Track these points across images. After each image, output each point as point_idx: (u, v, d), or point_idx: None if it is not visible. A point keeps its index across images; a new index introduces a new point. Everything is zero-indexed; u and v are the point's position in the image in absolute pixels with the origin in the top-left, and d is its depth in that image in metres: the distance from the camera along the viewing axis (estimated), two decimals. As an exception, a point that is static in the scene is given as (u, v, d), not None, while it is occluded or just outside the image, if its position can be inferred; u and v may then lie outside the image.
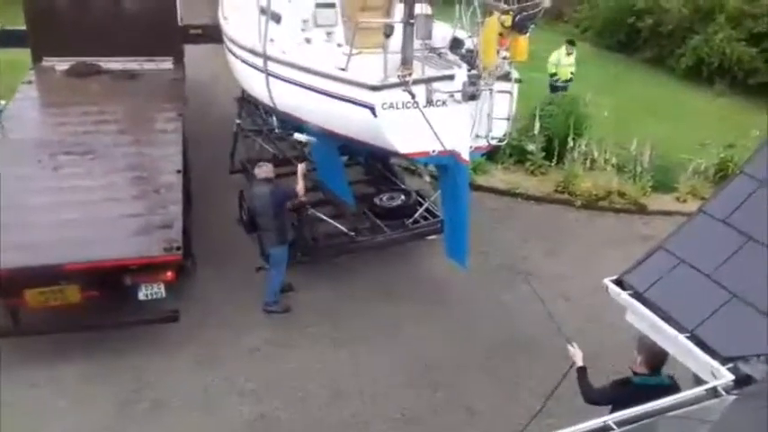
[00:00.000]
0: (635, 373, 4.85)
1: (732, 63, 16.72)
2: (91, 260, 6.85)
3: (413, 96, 6.87)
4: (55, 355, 7.19)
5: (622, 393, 4.76)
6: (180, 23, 12.07)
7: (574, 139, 11.72)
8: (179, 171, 8.42)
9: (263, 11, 8.60)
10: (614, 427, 2.93)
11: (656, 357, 4.73)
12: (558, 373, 5.27)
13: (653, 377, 4.78)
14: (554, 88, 13.77)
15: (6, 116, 9.82)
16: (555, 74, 13.79)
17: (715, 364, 3.65)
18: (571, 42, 14.18)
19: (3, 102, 10.93)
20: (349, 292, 8.49)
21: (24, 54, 11.63)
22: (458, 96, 7.05)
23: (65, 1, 11.46)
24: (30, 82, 11.00)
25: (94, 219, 7.40)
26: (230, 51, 10.28)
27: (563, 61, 13.79)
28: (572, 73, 13.88)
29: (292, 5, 8.54)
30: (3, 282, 6.69)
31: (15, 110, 10.04)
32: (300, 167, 8.08)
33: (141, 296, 7.15)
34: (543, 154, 11.85)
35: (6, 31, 12.08)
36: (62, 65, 11.35)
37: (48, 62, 11.45)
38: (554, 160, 11.79)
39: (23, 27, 11.58)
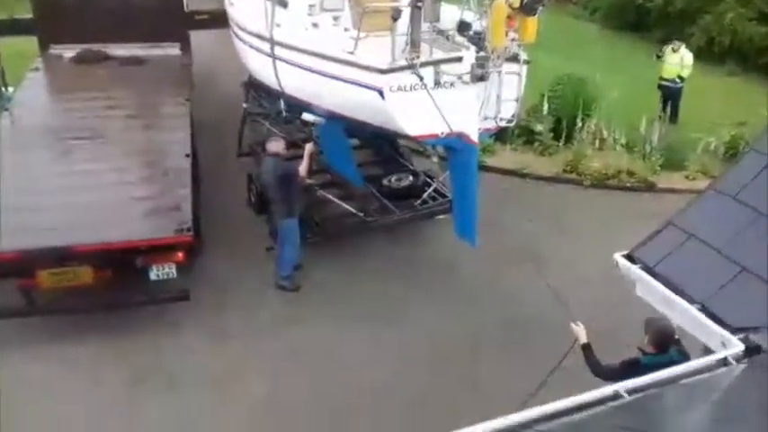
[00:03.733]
0: (644, 353, 4.82)
1: (743, 42, 16.56)
2: (101, 242, 6.93)
3: (421, 79, 6.87)
4: (68, 335, 7.28)
5: (631, 374, 4.74)
6: (186, 9, 12.09)
7: (583, 119, 11.68)
8: (187, 155, 8.46)
9: (269, -5, 8.59)
10: (624, 394, 2.96)
11: (664, 337, 4.73)
12: (568, 347, 5.31)
13: (661, 355, 4.75)
14: (661, 87, 13.17)
15: (15, 103, 9.89)
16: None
17: (725, 334, 3.68)
18: (678, 39, 13.48)
19: (11, 89, 11.00)
20: (359, 272, 8.54)
21: (32, 43, 11.69)
22: (466, 78, 7.04)
23: (71, -11, 11.50)
24: (37, 69, 11.04)
25: (105, 202, 7.48)
26: (237, 36, 10.28)
27: (667, 59, 13.10)
28: (680, 76, 12.92)
29: (299, -10, 8.53)
30: (16, 263, 6.78)
31: (24, 97, 10.08)
32: (308, 147, 8.10)
33: (153, 276, 7.24)
34: (552, 134, 11.82)
35: (14, 19, 12.12)
36: (69, 52, 11.39)
37: (55, 50, 11.48)
38: (563, 140, 11.76)
39: (30, 15, 11.62)
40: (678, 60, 13.02)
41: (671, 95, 13.13)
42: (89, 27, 11.17)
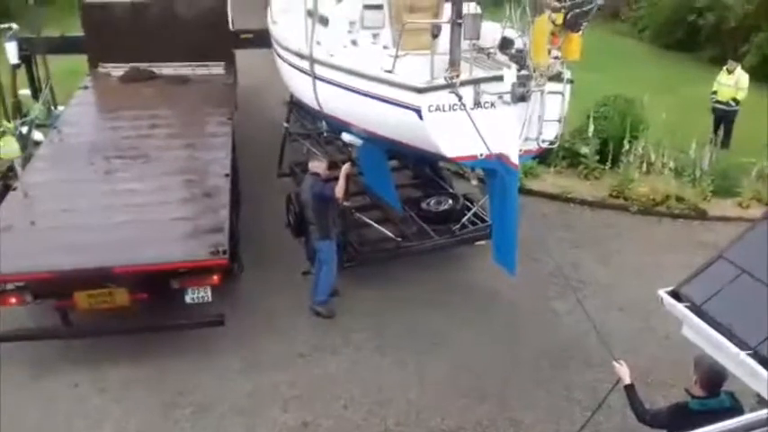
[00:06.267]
0: (692, 396, 4.53)
1: (800, 61, 15.97)
2: (139, 263, 6.89)
3: (460, 98, 6.72)
4: (100, 357, 7.28)
5: (679, 419, 4.46)
6: (232, 28, 12.24)
7: (630, 141, 11.34)
8: (227, 175, 8.45)
9: (310, 14, 8.59)
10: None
11: (715, 378, 4.41)
12: (610, 384, 5.06)
13: (711, 399, 4.46)
14: (715, 110, 12.76)
15: (63, 121, 10.11)
16: (715, 92, 12.72)
17: (780, 384, 3.41)
18: (734, 60, 13.01)
19: (61, 108, 11.28)
20: (395, 298, 8.36)
21: (82, 61, 11.99)
22: (507, 98, 6.87)
23: (120, 9, 11.76)
24: (86, 87, 11.32)
25: (144, 222, 7.47)
26: (278, 55, 10.32)
27: (722, 80, 12.65)
28: (735, 99, 12.47)
29: (340, 8, 8.50)
30: (53, 284, 6.81)
31: (72, 114, 10.37)
32: (344, 168, 8.00)
33: (188, 300, 7.16)
34: (597, 157, 11.51)
35: (65, 38, 12.46)
36: (117, 70, 11.68)
37: (103, 68, 11.80)
38: (608, 164, 11.45)
39: (81, 34, 11.93)
40: (733, 82, 12.55)
41: (724, 118, 12.65)
42: (137, 46, 11.46)
